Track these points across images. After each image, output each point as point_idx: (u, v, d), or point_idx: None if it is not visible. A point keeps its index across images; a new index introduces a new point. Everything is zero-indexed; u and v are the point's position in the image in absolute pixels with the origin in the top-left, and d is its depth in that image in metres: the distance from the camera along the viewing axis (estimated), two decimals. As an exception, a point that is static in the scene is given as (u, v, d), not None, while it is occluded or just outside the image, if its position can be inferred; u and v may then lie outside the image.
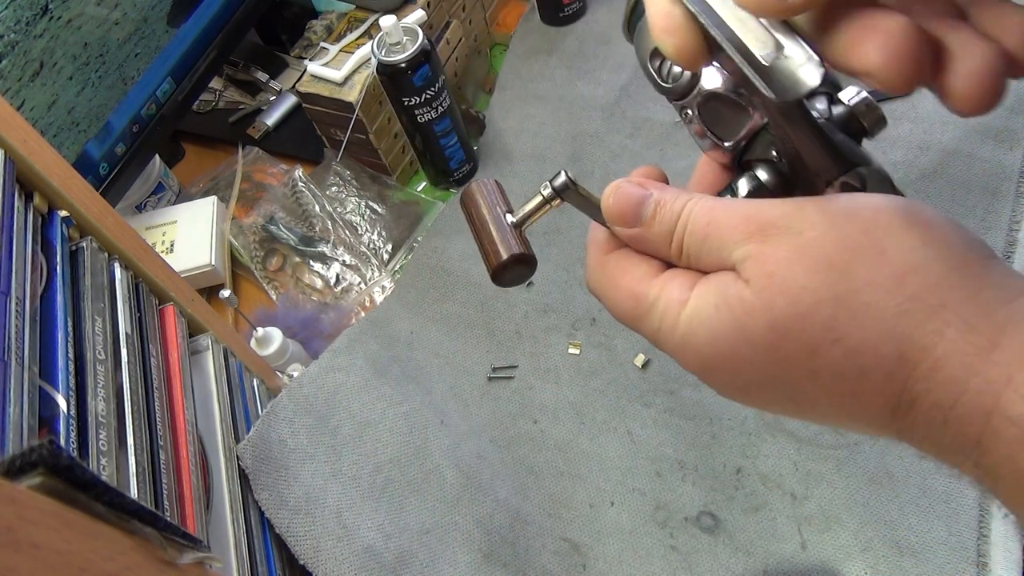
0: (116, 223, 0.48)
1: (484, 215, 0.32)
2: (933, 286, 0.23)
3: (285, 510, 0.51)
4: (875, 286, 0.24)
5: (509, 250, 0.30)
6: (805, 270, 0.24)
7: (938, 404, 0.23)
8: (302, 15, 0.94)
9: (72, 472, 0.20)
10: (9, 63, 0.63)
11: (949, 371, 0.23)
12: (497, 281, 0.31)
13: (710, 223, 0.27)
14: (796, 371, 0.25)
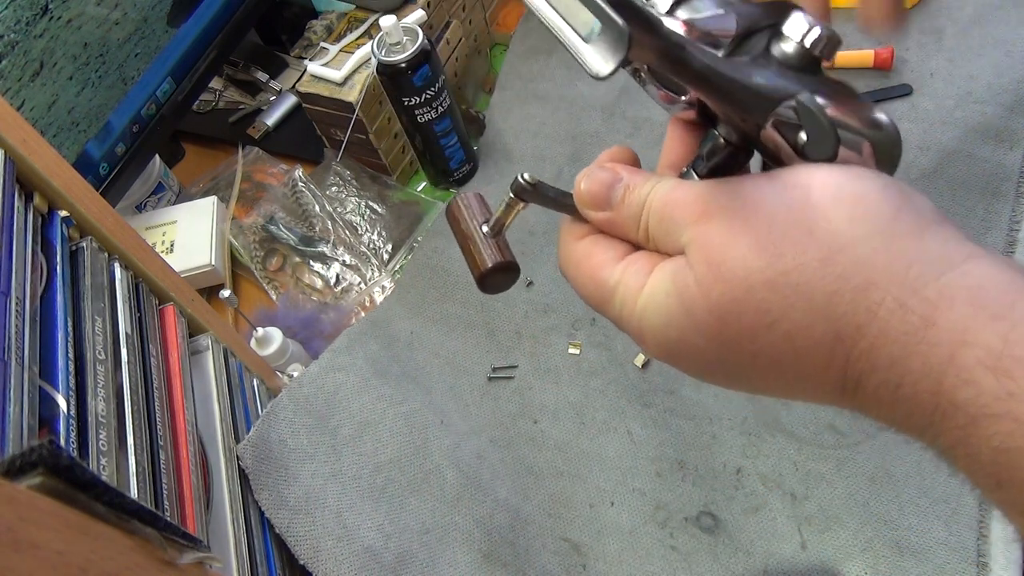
0: (116, 223, 0.48)
1: (463, 229, 0.33)
2: (861, 264, 0.23)
3: (285, 510, 0.51)
4: (804, 267, 0.23)
5: (488, 260, 0.32)
6: (738, 255, 0.24)
7: (884, 383, 0.23)
8: (302, 15, 0.94)
9: (72, 472, 0.20)
10: (9, 63, 0.63)
11: (888, 350, 0.22)
12: (483, 290, 0.33)
13: (666, 204, 0.27)
14: (740, 355, 0.25)
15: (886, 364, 0.22)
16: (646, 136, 0.77)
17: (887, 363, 0.22)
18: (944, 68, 0.72)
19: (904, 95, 0.72)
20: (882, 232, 0.24)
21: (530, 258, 0.73)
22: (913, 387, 0.22)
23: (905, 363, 0.22)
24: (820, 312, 0.23)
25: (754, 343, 0.25)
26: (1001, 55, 0.70)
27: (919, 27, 0.75)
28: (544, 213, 0.75)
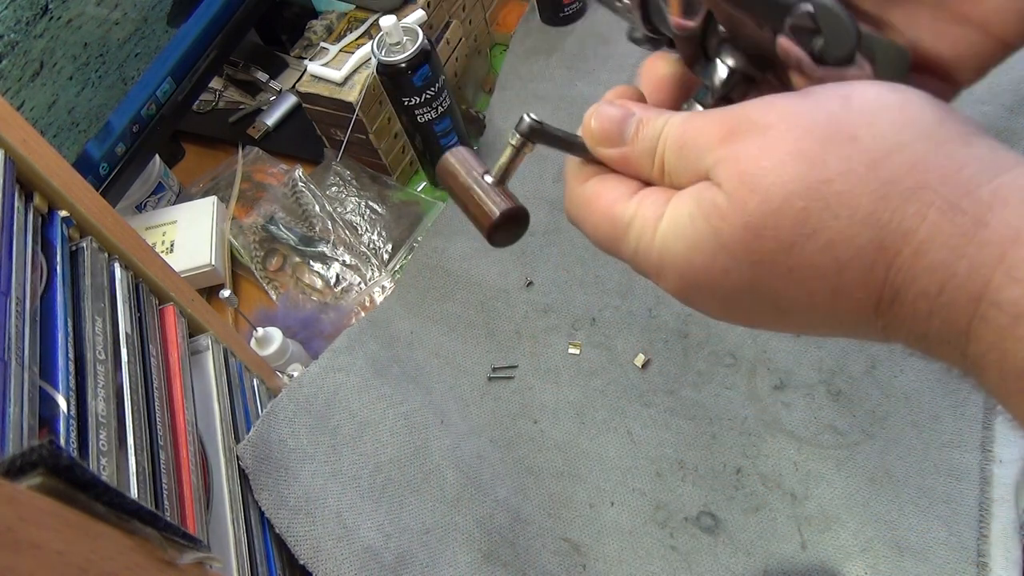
0: (116, 223, 0.48)
1: (463, 183, 0.32)
2: (910, 167, 0.22)
3: (285, 510, 0.51)
4: (849, 174, 0.23)
5: (497, 208, 0.30)
6: (775, 164, 0.23)
7: (924, 293, 0.22)
8: (302, 15, 0.94)
9: (72, 472, 0.20)
10: (9, 63, 0.63)
11: (934, 256, 0.22)
12: (493, 242, 0.31)
13: (685, 132, 0.26)
14: (774, 272, 0.24)
15: (929, 269, 0.22)
16: (646, 136, 0.77)
17: (930, 268, 0.22)
18: (944, 68, 0.72)
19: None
20: (930, 136, 0.23)
21: (530, 258, 0.73)
22: (954, 292, 0.21)
23: (951, 267, 0.21)
24: (864, 220, 0.22)
25: (790, 257, 0.24)
26: (1001, 55, 0.70)
27: (919, 27, 0.75)
28: (544, 213, 0.75)
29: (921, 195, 0.22)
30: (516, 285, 0.71)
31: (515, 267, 0.72)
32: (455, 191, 0.32)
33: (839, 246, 0.23)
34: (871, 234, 0.22)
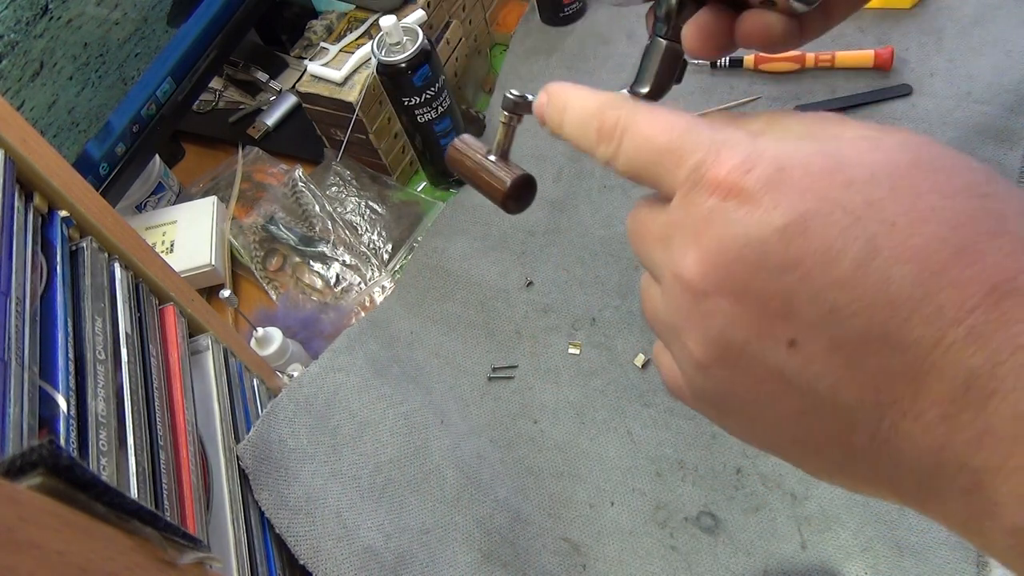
0: (116, 223, 0.48)
1: (471, 165, 0.34)
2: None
3: (285, 510, 0.51)
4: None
5: (506, 179, 0.33)
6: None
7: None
8: (302, 15, 0.94)
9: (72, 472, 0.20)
10: (9, 63, 0.63)
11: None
12: (508, 210, 0.34)
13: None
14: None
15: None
16: (646, 136, 0.77)
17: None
18: (944, 68, 0.72)
19: (904, 95, 0.72)
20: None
21: (530, 258, 0.73)
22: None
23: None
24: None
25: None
26: (1001, 55, 0.70)
27: (919, 27, 0.75)
28: (544, 213, 0.75)
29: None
30: (516, 285, 0.71)
31: (515, 267, 0.72)
32: (465, 174, 0.34)
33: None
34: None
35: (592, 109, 0.27)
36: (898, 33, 0.75)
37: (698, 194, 0.23)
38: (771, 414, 0.23)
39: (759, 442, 0.25)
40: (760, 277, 0.21)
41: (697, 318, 0.23)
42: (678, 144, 0.24)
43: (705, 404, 0.26)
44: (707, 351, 0.23)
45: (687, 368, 0.25)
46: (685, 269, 0.23)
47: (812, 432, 0.22)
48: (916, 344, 0.19)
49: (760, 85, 0.77)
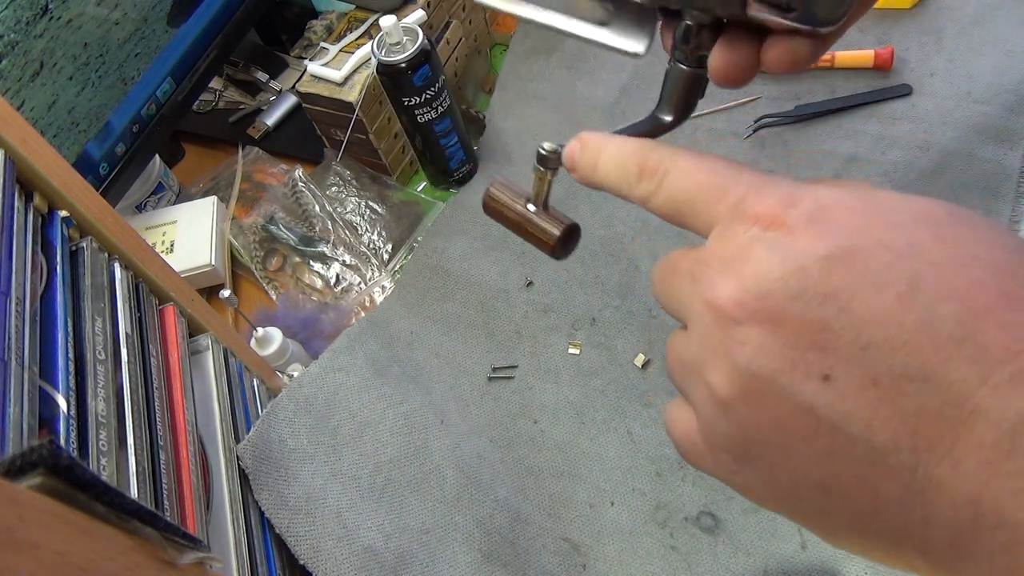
0: (116, 223, 0.48)
1: (513, 217, 0.34)
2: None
3: (285, 510, 0.51)
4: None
5: (554, 230, 0.33)
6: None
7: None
8: (302, 15, 0.94)
9: (72, 472, 0.20)
10: (9, 63, 0.63)
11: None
12: (558, 258, 0.34)
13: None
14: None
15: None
16: (646, 136, 0.77)
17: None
18: (944, 68, 0.72)
19: (904, 95, 0.72)
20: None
21: (530, 258, 0.73)
22: None
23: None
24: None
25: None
26: (1001, 55, 0.70)
27: (919, 27, 0.75)
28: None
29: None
30: (516, 285, 0.71)
31: (515, 267, 0.72)
32: (508, 225, 0.35)
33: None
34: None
35: (632, 150, 0.28)
36: (898, 33, 0.75)
37: (738, 225, 0.23)
38: (797, 456, 0.21)
39: (779, 493, 0.23)
40: (797, 306, 0.20)
41: (725, 349, 0.22)
42: (720, 181, 0.24)
43: (723, 452, 0.24)
44: (733, 384, 0.22)
45: (707, 411, 0.23)
46: (718, 296, 0.22)
47: (839, 477, 0.20)
48: (959, 384, 0.18)
49: (760, 85, 0.77)
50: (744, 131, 0.74)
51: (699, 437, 0.25)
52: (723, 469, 0.25)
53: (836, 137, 0.71)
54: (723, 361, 0.22)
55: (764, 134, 0.74)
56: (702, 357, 0.23)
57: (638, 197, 0.27)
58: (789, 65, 0.29)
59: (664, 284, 0.26)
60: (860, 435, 0.19)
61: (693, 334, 0.24)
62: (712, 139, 0.75)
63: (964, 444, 0.18)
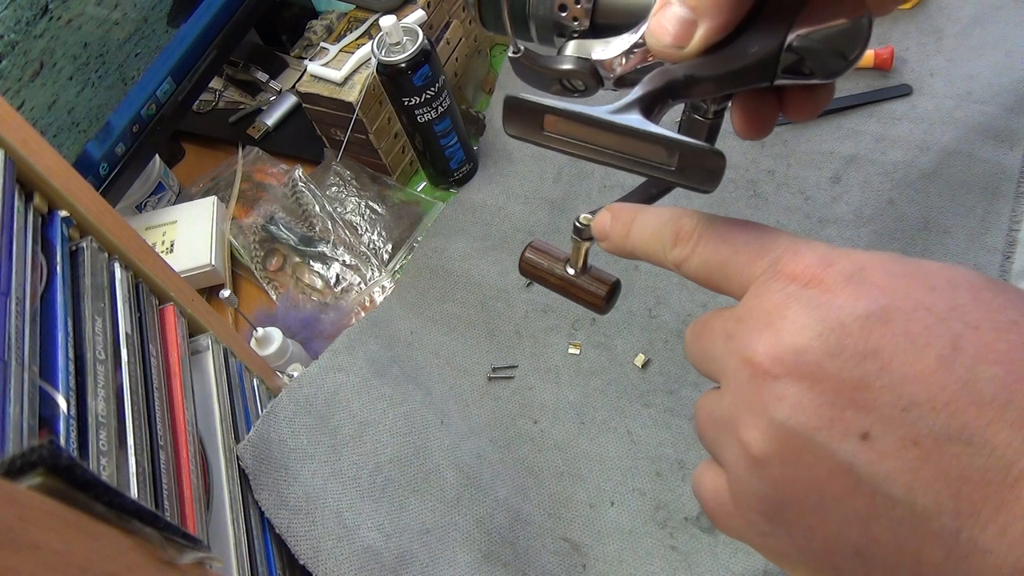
0: (116, 223, 0.48)
1: (556, 282, 0.35)
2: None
3: (285, 510, 0.51)
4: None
5: (599, 292, 0.34)
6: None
7: None
8: (302, 15, 0.94)
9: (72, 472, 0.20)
10: (9, 63, 0.63)
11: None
12: (605, 312, 0.36)
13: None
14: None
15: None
16: (646, 136, 0.77)
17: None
18: (944, 68, 0.72)
19: (904, 95, 0.72)
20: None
21: (530, 258, 0.73)
22: None
23: None
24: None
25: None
26: (1001, 55, 0.70)
27: (919, 27, 0.75)
28: (544, 213, 0.75)
29: None
30: (516, 285, 0.71)
31: (515, 267, 0.72)
32: (551, 287, 0.35)
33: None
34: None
35: (667, 217, 0.28)
36: (898, 33, 0.75)
37: (774, 283, 0.22)
38: (833, 518, 0.20)
39: (813, 559, 0.22)
40: (836, 363, 0.20)
41: (762, 405, 0.21)
42: (757, 244, 0.24)
43: (755, 513, 0.23)
44: (769, 440, 0.21)
45: (739, 470, 0.23)
46: (754, 352, 0.22)
47: (878, 542, 0.20)
48: (1003, 448, 0.18)
49: (760, 85, 0.77)
50: (744, 131, 0.74)
51: (729, 497, 0.24)
52: (754, 531, 0.24)
53: (836, 137, 0.71)
54: (759, 418, 0.21)
55: (764, 134, 0.74)
56: (736, 414, 0.23)
57: (672, 262, 0.27)
58: (812, 113, 0.29)
59: (698, 343, 0.26)
60: (901, 497, 0.19)
61: (726, 392, 0.23)
62: (712, 139, 0.75)
63: (1011, 510, 0.17)
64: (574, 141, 0.30)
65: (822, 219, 0.67)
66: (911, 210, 0.65)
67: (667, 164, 0.27)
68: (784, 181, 0.70)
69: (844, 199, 0.68)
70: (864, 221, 0.66)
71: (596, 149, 0.30)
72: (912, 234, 0.64)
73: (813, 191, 0.69)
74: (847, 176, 0.69)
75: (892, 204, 0.66)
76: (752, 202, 0.70)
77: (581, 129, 0.30)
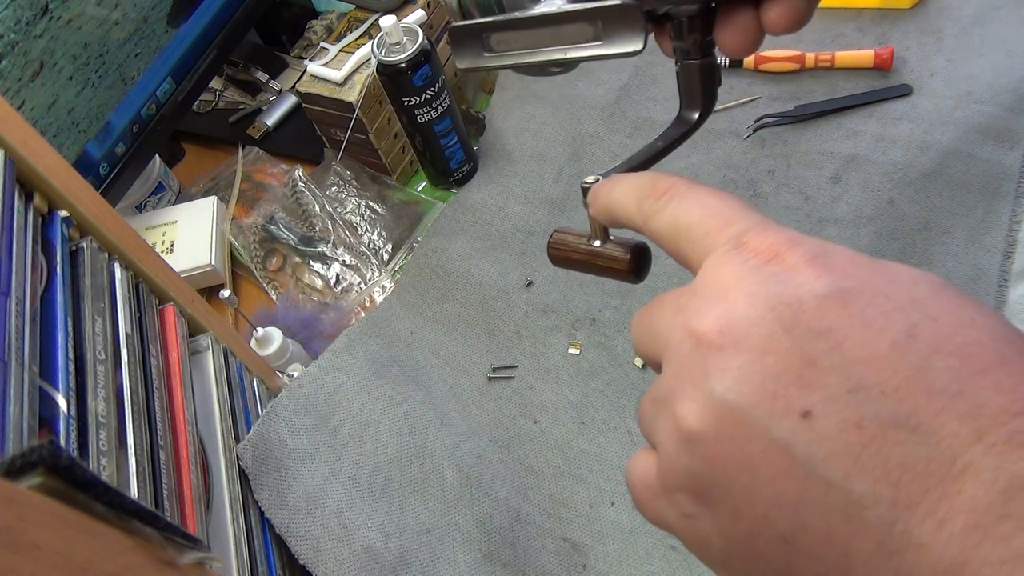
0: (116, 223, 0.48)
1: (580, 258, 0.34)
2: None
3: (285, 510, 0.51)
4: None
5: (624, 255, 0.32)
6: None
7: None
8: (302, 15, 0.94)
9: (72, 472, 0.20)
10: (9, 63, 0.63)
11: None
12: (635, 281, 0.34)
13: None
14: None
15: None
16: (646, 136, 0.77)
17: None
18: (944, 68, 0.72)
19: (904, 95, 0.72)
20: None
21: (530, 258, 0.73)
22: None
23: None
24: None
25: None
26: (1001, 55, 0.70)
27: (919, 27, 0.75)
28: (544, 213, 0.75)
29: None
30: (516, 285, 0.71)
31: (515, 267, 0.72)
32: (579, 267, 0.34)
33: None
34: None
35: (649, 175, 0.27)
36: (898, 33, 0.75)
37: (735, 254, 0.22)
38: (762, 501, 0.19)
39: (734, 545, 0.21)
40: (787, 338, 0.19)
41: (701, 376, 0.20)
42: (728, 213, 0.24)
43: (680, 492, 0.22)
44: (705, 414, 0.20)
45: (670, 446, 0.21)
46: (701, 323, 0.21)
47: (807, 529, 0.19)
48: (950, 439, 0.17)
49: (760, 85, 0.77)
50: (744, 131, 0.74)
51: (655, 479, 0.23)
52: (678, 513, 0.22)
53: (836, 137, 0.71)
54: (697, 390, 0.21)
55: (764, 134, 0.74)
56: (674, 388, 0.22)
57: (642, 216, 0.27)
58: (792, 22, 0.28)
59: (643, 319, 0.25)
60: (837, 482, 0.18)
61: (667, 368, 0.22)
62: (712, 139, 0.75)
63: (951, 503, 0.17)
64: (519, 51, 0.33)
65: (822, 219, 0.67)
66: (911, 210, 0.65)
67: (597, 38, 0.30)
68: (784, 181, 0.70)
69: (844, 199, 0.68)
70: (864, 221, 0.66)
71: (539, 51, 0.33)
72: (912, 234, 0.64)
73: (813, 191, 0.69)
74: (847, 176, 0.69)
75: (892, 204, 0.66)
76: (752, 202, 0.70)
77: (520, 35, 0.33)
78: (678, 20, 0.31)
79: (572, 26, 0.31)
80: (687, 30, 0.31)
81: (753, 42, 0.30)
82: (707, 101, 0.33)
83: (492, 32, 0.34)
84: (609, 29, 0.30)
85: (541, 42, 0.33)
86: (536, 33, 0.33)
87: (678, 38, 0.31)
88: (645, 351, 0.25)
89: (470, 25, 0.34)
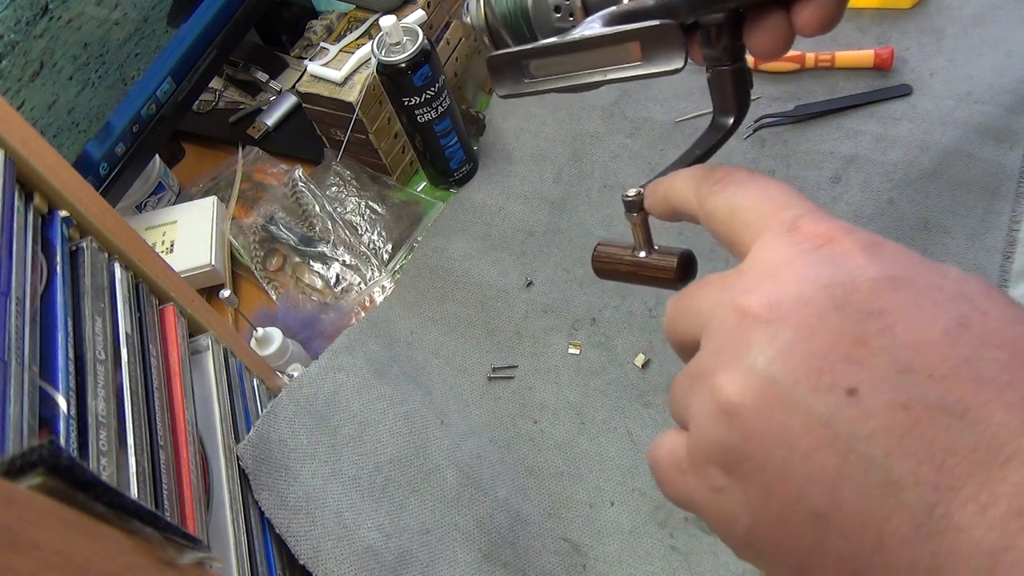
0: (116, 223, 0.48)
1: (627, 270, 0.34)
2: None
3: (285, 510, 0.51)
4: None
5: (671, 264, 0.32)
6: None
7: None
8: (302, 15, 0.94)
9: (72, 472, 0.20)
10: (9, 63, 0.63)
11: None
12: (680, 288, 0.34)
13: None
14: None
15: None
16: (646, 136, 0.77)
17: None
18: (944, 68, 0.72)
19: (904, 95, 0.72)
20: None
21: (530, 258, 0.73)
22: None
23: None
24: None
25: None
26: (1001, 55, 0.70)
27: (919, 27, 0.75)
28: (544, 213, 0.75)
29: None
30: (516, 285, 0.71)
31: (515, 267, 0.72)
32: (626, 278, 0.34)
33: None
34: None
35: (707, 165, 0.28)
36: (898, 33, 0.75)
37: (789, 236, 0.22)
38: (799, 477, 0.19)
39: (764, 521, 0.20)
40: (838, 317, 0.19)
41: (745, 348, 0.20)
42: (784, 199, 0.24)
43: (711, 466, 0.21)
44: (746, 387, 0.20)
45: (705, 419, 0.21)
46: (748, 299, 0.21)
47: (842, 507, 0.18)
48: (996, 427, 0.17)
49: (760, 85, 0.77)
50: (744, 131, 0.74)
51: (685, 454, 0.22)
52: (705, 488, 0.22)
53: (836, 137, 0.71)
54: (740, 361, 0.20)
55: (764, 134, 0.74)
56: (714, 364, 0.21)
57: (699, 197, 0.27)
58: (825, 21, 0.28)
59: (683, 299, 0.25)
60: (878, 460, 0.18)
61: (707, 345, 0.22)
62: (712, 139, 0.75)
63: (995, 489, 0.16)
64: (558, 75, 0.33)
65: (822, 219, 0.67)
66: (911, 210, 0.65)
67: (636, 59, 0.30)
68: (784, 181, 0.70)
69: (844, 199, 0.68)
70: (864, 221, 0.66)
71: (580, 73, 0.32)
72: (912, 234, 0.64)
73: (813, 191, 0.69)
74: (847, 176, 0.69)
75: (892, 204, 0.66)
76: (752, 202, 0.70)
77: (559, 60, 0.32)
78: (707, 28, 0.31)
79: (612, 48, 0.31)
80: (717, 37, 0.31)
81: (785, 44, 0.30)
82: (741, 106, 0.33)
83: (531, 59, 0.34)
84: (649, 49, 0.30)
85: (581, 66, 0.33)
86: (576, 57, 0.32)
87: (708, 45, 0.31)
88: (682, 330, 0.25)
89: (509, 53, 0.34)
